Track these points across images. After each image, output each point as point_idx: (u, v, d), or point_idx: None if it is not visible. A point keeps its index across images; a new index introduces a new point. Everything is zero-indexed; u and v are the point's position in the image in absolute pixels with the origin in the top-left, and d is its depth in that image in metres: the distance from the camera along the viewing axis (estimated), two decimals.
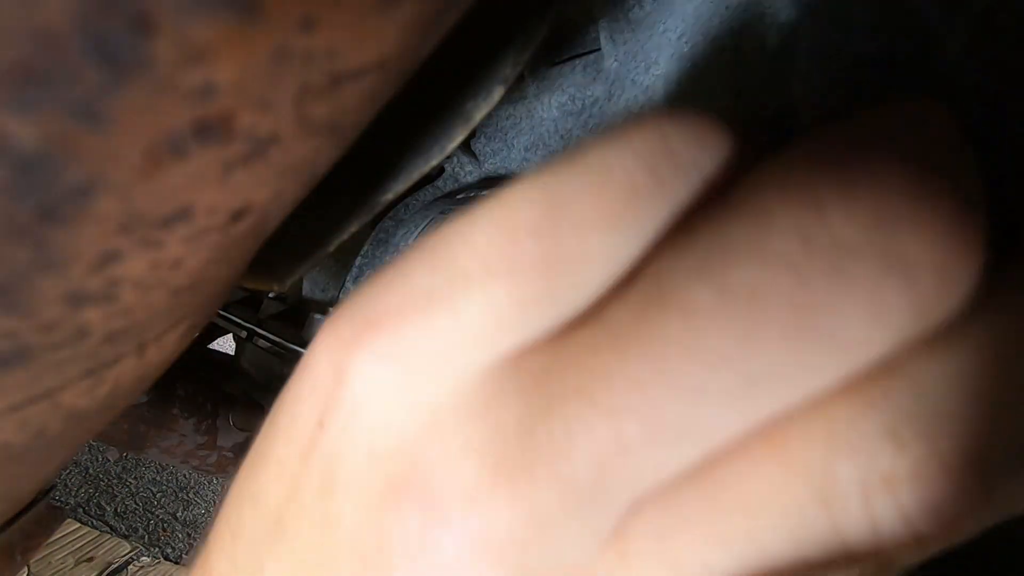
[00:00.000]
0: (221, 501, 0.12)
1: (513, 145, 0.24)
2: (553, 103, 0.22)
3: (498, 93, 0.14)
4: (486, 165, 0.26)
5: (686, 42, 0.16)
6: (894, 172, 0.07)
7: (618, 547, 0.08)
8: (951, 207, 0.07)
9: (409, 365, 0.09)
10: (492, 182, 0.26)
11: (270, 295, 0.40)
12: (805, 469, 0.08)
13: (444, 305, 0.09)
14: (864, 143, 0.08)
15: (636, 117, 0.09)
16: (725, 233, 0.08)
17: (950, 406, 0.07)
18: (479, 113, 0.15)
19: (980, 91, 0.11)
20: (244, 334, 0.38)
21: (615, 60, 0.19)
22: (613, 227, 0.09)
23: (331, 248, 0.17)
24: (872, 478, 0.07)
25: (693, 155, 0.09)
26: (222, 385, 0.44)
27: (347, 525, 0.09)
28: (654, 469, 0.08)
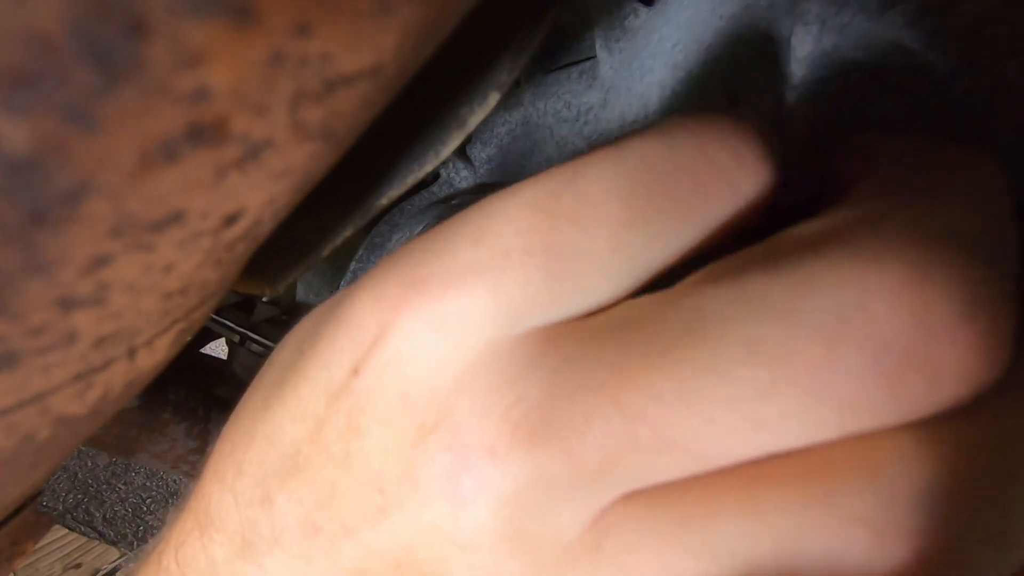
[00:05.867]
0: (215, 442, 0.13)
1: (509, 151, 0.24)
2: (548, 110, 0.22)
3: (493, 99, 0.14)
4: (481, 171, 0.26)
5: (681, 50, 0.16)
6: (942, 262, 0.07)
7: (594, 536, 0.09)
8: (990, 312, 0.07)
9: (448, 327, 0.10)
10: (487, 188, 0.26)
11: (263, 299, 0.39)
12: (771, 531, 0.08)
13: (486, 278, 0.10)
14: (915, 219, 0.08)
15: (674, 117, 0.10)
16: (768, 288, 0.08)
17: (931, 501, 0.08)
18: (474, 119, 0.15)
19: (970, 99, 0.11)
20: (237, 338, 0.37)
21: (610, 68, 0.19)
22: (648, 224, 0.09)
23: (325, 253, 0.17)
24: (836, 564, 0.08)
25: (731, 169, 0.10)
26: (214, 390, 0.44)
27: (372, 460, 0.10)
28: (652, 473, 0.09)
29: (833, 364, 0.07)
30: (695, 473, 0.09)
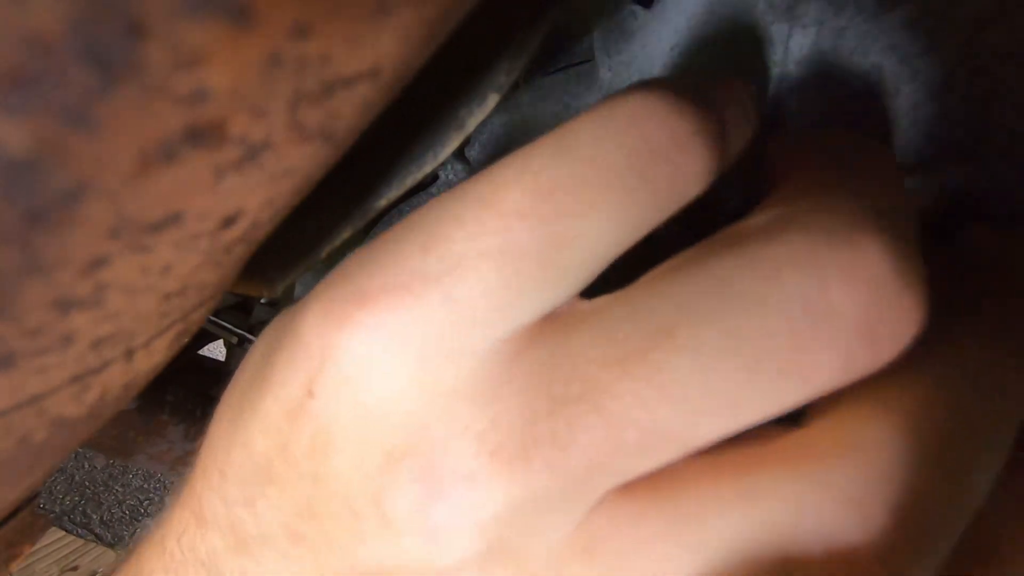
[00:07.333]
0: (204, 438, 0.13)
1: (507, 153, 0.24)
2: (547, 112, 0.22)
3: (492, 101, 0.14)
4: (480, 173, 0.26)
5: (679, 53, 0.16)
6: (876, 242, 0.09)
7: (584, 539, 0.09)
8: (915, 278, 0.09)
9: (401, 342, 0.09)
10: None
11: (261, 301, 0.39)
12: (765, 520, 0.09)
13: (440, 287, 0.09)
14: (849, 207, 0.09)
15: (617, 96, 0.10)
16: (736, 278, 0.09)
17: (903, 473, 0.09)
18: (473, 120, 0.15)
19: (967, 102, 0.11)
20: (235, 340, 0.37)
21: (609, 70, 0.20)
22: (597, 213, 0.09)
23: (323, 254, 0.17)
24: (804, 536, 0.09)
25: (670, 150, 0.09)
26: (212, 391, 0.44)
27: (341, 484, 0.10)
28: (637, 467, 0.09)
29: (802, 345, 0.08)
30: (678, 457, 0.09)
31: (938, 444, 0.09)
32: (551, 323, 0.10)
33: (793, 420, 0.10)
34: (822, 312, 0.08)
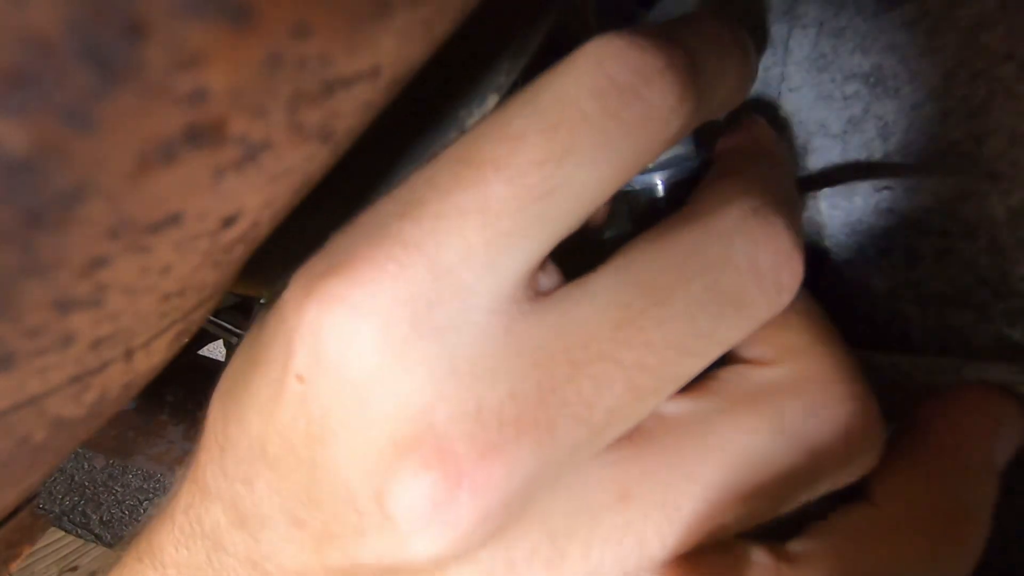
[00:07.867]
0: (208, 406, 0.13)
1: None
2: None
3: (492, 101, 0.14)
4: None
5: None
6: (783, 225, 0.11)
7: (618, 488, 0.10)
8: (801, 252, 0.11)
9: (388, 319, 0.09)
10: None
11: (261, 301, 0.39)
12: (786, 428, 0.11)
13: (421, 254, 0.09)
14: (759, 189, 0.12)
15: (581, 46, 0.10)
16: (704, 247, 0.11)
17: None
18: (473, 121, 0.15)
19: (966, 103, 0.11)
20: (235, 340, 0.37)
21: None
22: (573, 158, 0.09)
23: None
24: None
25: (637, 86, 0.10)
26: (212, 392, 0.44)
27: (341, 475, 0.10)
28: (644, 410, 0.10)
29: (747, 292, 0.11)
30: (670, 395, 0.11)
31: (830, 333, 0.12)
32: (542, 301, 0.10)
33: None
34: (755, 268, 0.11)
